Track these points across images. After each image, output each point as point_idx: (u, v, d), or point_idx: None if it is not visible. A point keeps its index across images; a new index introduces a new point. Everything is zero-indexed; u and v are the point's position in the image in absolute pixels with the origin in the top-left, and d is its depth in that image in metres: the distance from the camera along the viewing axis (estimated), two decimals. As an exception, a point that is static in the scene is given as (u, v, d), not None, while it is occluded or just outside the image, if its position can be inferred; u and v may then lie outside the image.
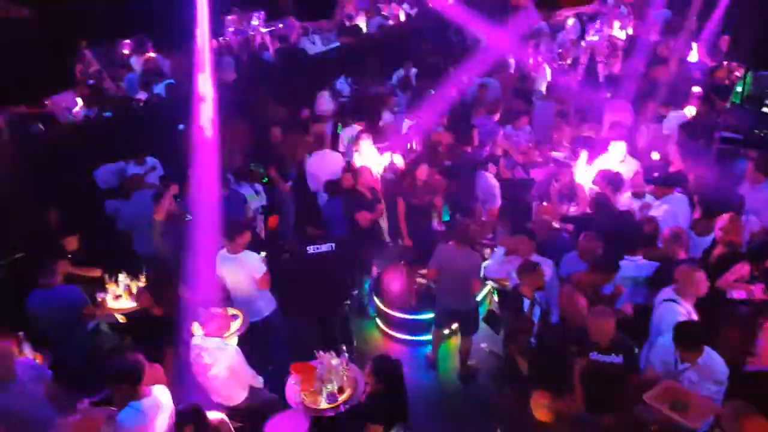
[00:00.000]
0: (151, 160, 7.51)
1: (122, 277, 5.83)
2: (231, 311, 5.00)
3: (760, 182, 5.99)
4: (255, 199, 7.19)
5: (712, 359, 4.00)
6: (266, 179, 7.63)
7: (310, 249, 5.77)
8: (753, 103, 7.68)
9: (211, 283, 5.35)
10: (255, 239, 6.15)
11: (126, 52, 11.30)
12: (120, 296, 5.78)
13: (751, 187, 6.04)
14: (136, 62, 10.89)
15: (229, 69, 10.18)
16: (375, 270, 6.91)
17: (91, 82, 9.74)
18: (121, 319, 5.70)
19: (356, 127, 8.36)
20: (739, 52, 8.21)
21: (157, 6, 8.33)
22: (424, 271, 6.23)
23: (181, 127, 8.09)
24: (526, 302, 4.94)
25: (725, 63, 9.50)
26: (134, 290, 5.72)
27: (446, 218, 7.80)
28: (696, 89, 8.59)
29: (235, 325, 4.88)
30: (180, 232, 5.89)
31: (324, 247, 5.75)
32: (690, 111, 8.14)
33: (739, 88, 7.88)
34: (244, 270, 5.40)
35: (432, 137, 8.07)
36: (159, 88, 9.59)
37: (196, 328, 4.62)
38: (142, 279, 5.79)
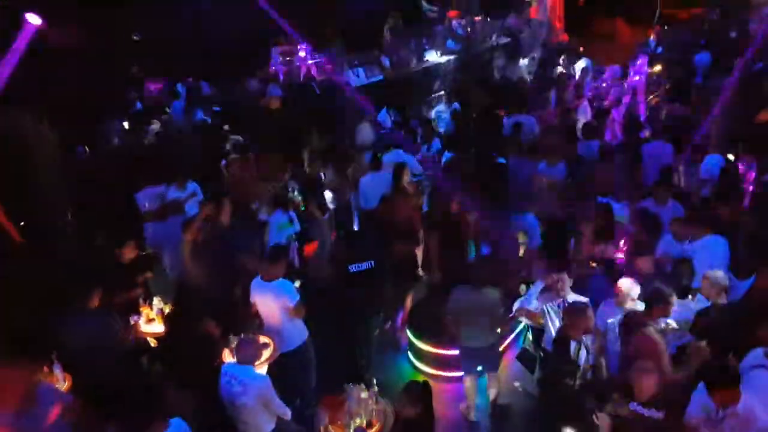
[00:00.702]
0: (192, 186, 7.67)
1: (156, 301, 5.89)
2: (263, 339, 5.08)
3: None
4: (288, 226, 7.24)
5: (753, 406, 3.86)
6: (304, 207, 7.77)
7: (352, 267, 5.82)
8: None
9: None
10: (289, 267, 6.25)
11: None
12: (153, 320, 5.82)
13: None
14: (182, 89, 11.34)
15: (274, 98, 10.48)
16: (408, 302, 6.93)
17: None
18: (153, 343, 5.77)
19: (400, 152, 8.46)
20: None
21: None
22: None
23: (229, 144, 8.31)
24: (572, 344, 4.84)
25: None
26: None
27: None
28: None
29: (267, 353, 4.93)
30: (212, 256, 5.94)
31: (364, 265, 5.81)
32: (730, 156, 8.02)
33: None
34: (277, 298, 5.39)
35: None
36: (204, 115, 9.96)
37: (228, 355, 4.69)
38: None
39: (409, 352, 6.76)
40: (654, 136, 9.04)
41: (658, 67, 12.08)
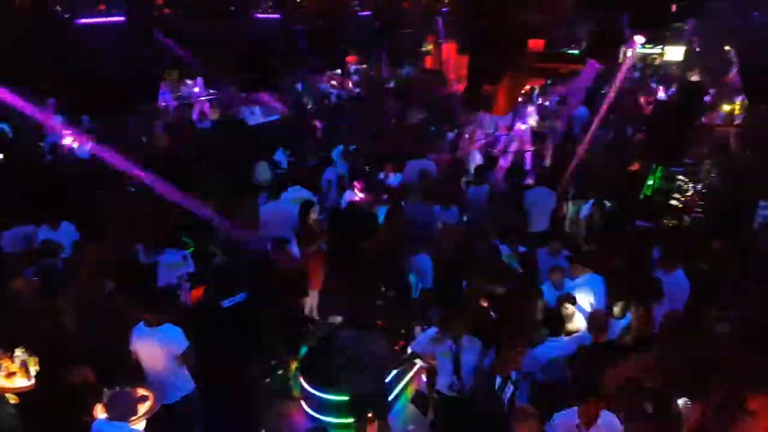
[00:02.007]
0: (65, 225, 7.17)
1: (19, 352, 5.25)
2: (140, 392, 4.68)
3: (672, 270, 6.31)
4: (181, 266, 6.90)
5: (612, 420, 4.19)
6: (192, 248, 7.44)
7: (225, 303, 5.58)
8: (661, 195, 8.31)
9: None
10: (179, 308, 5.92)
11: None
12: (14, 373, 5.13)
13: (664, 274, 6.35)
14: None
15: (162, 135, 10.08)
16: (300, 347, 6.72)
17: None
18: (12, 399, 5.16)
19: (301, 190, 8.36)
20: (652, 149, 8.90)
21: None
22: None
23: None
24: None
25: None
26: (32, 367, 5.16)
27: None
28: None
29: (144, 407, 4.55)
30: (89, 306, 5.53)
31: (237, 298, 5.60)
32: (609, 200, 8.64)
33: (650, 182, 8.47)
34: (163, 345, 5.01)
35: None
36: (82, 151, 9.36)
37: (99, 411, 4.29)
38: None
39: (302, 401, 6.52)
40: (537, 183, 9.57)
41: (542, 120, 12.94)
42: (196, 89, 12.28)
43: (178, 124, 11.13)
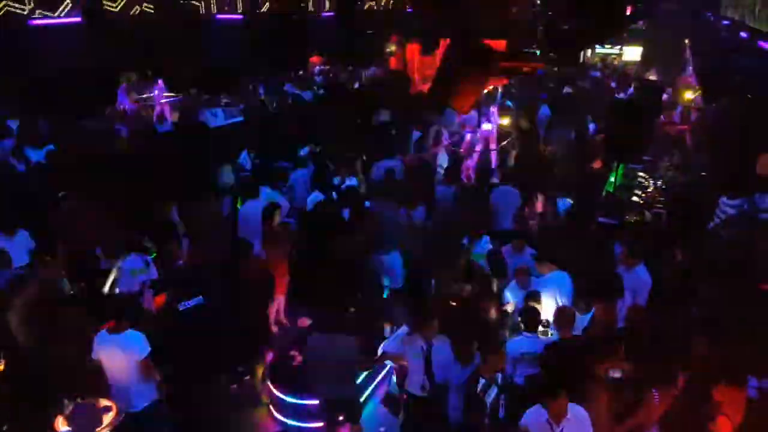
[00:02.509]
0: (22, 233, 6.88)
1: None
2: (103, 402, 4.55)
3: (634, 266, 6.45)
4: (144, 271, 6.71)
5: (579, 411, 4.32)
6: (155, 253, 7.27)
7: (181, 306, 5.52)
8: (624, 191, 8.50)
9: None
10: (142, 315, 5.78)
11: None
12: None
13: (626, 269, 6.49)
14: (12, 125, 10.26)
15: (122, 138, 9.84)
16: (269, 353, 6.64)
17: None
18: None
19: (268, 192, 8.25)
20: (612, 147, 9.08)
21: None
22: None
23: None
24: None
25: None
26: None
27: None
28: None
29: (108, 418, 4.43)
30: (47, 317, 5.33)
31: (193, 302, 5.50)
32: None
33: (611, 179, 8.64)
34: (125, 352, 4.89)
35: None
36: (38, 155, 9.06)
37: (61, 423, 4.16)
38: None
39: (270, 405, 6.44)
40: (503, 182, 9.66)
41: (506, 119, 13.07)
42: (156, 92, 12.02)
43: (137, 127, 10.88)
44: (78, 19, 8.96)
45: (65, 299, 5.76)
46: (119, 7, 10.12)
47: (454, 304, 6.42)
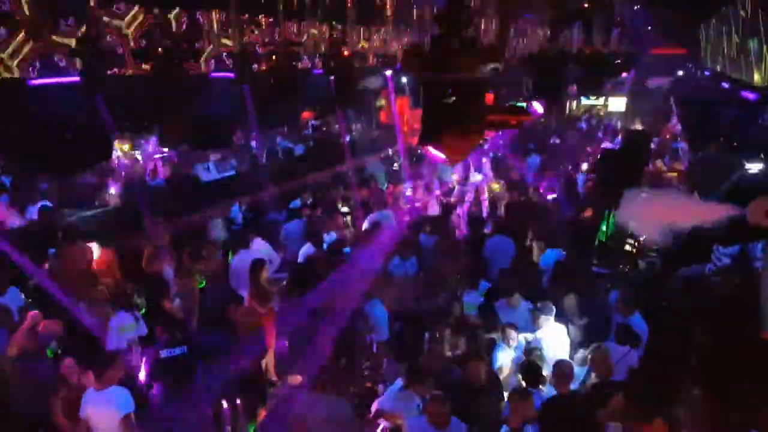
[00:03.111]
0: (12, 291, 6.81)
1: None
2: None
3: (630, 314, 6.39)
4: (133, 328, 6.59)
5: None
6: (145, 310, 7.15)
7: (163, 353, 5.47)
8: (615, 241, 8.50)
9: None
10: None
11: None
12: None
13: (622, 318, 6.42)
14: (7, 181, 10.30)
15: (113, 195, 9.85)
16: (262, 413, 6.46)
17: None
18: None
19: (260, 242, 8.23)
20: (602, 195, 9.13)
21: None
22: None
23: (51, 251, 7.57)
24: None
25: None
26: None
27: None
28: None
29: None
30: (37, 371, 5.25)
31: (177, 351, 5.38)
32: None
33: (603, 228, 8.66)
34: (112, 408, 4.85)
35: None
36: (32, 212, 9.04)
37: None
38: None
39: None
40: (496, 231, 9.67)
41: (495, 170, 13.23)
42: (150, 147, 12.14)
43: (129, 181, 10.93)
44: (76, 79, 9.07)
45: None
46: (116, 66, 10.31)
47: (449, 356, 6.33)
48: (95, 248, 7.80)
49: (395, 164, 15.11)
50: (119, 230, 8.77)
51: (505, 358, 6.19)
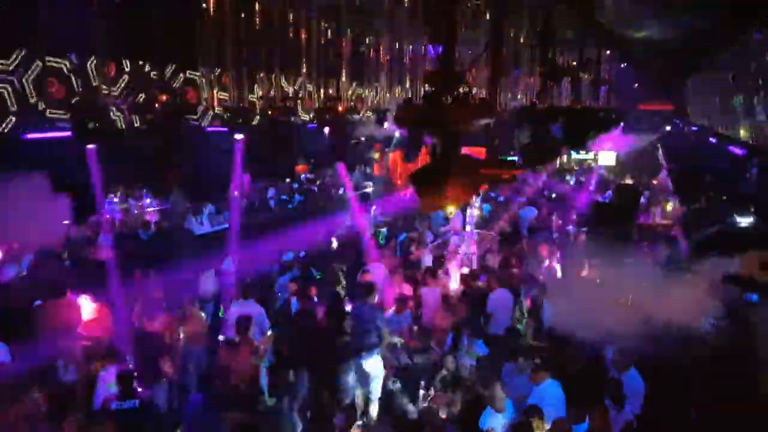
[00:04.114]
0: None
1: None
2: None
3: (626, 370, 6.27)
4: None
5: None
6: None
7: (114, 404, 5.47)
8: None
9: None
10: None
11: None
12: None
13: (618, 375, 6.30)
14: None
15: (104, 247, 9.78)
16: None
17: None
18: None
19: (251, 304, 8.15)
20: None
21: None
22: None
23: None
24: None
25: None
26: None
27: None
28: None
29: None
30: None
31: (128, 404, 5.41)
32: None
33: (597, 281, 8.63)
34: None
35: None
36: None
37: None
38: None
39: None
40: (495, 285, 9.61)
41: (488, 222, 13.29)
42: (142, 200, 12.16)
43: (121, 234, 10.88)
44: (68, 134, 9.17)
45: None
46: (111, 121, 10.45)
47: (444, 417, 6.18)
48: (85, 302, 7.67)
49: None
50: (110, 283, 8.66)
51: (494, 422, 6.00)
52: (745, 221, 9.68)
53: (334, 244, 12.58)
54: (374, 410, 7.08)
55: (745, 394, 6.08)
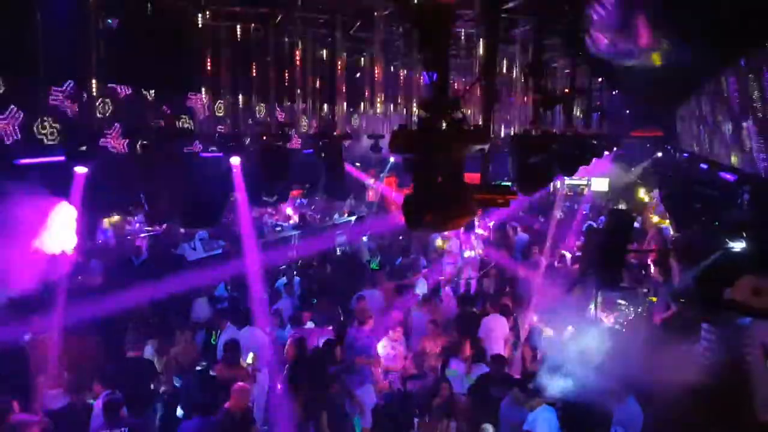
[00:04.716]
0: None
1: None
2: None
3: (623, 400, 6.23)
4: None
5: None
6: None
7: None
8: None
9: None
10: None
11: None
12: None
13: (616, 403, 6.25)
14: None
15: (95, 274, 9.70)
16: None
17: None
18: None
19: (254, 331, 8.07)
20: (587, 275, 9.16)
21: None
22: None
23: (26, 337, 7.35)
24: None
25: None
26: None
27: None
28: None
29: None
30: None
31: None
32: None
33: (591, 306, 8.62)
34: None
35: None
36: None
37: None
38: None
39: None
40: (490, 310, 9.60)
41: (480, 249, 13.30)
42: (135, 225, 12.11)
43: (112, 260, 10.82)
44: (62, 158, 9.13)
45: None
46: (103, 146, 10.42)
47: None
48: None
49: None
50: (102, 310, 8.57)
51: None
52: (738, 246, 9.68)
53: (329, 269, 12.56)
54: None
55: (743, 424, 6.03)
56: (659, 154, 24.88)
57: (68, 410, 6.51)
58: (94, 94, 7.63)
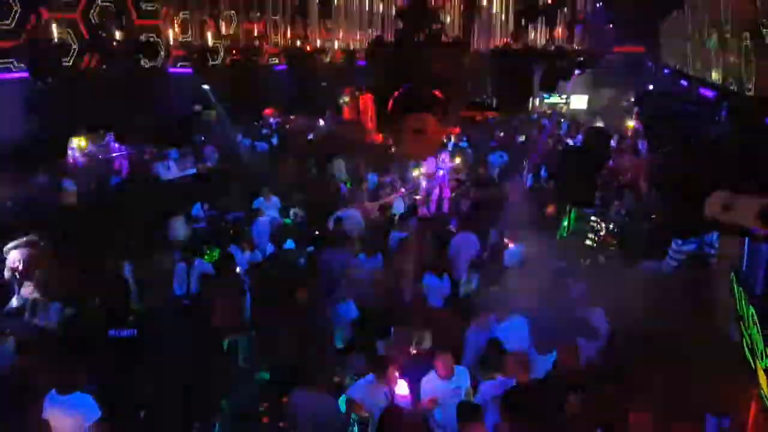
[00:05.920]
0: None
1: None
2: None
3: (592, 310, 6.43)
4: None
5: None
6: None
7: (112, 331, 5.49)
8: (577, 236, 8.64)
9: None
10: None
11: None
12: None
13: (584, 311, 6.46)
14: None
15: (69, 193, 9.51)
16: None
17: None
18: None
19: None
20: (563, 192, 9.25)
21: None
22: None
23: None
24: None
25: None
26: None
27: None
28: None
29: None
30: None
31: (125, 333, 5.43)
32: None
33: (564, 223, 8.77)
34: (73, 415, 4.59)
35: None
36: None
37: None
38: None
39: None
40: (460, 228, 9.69)
41: (458, 162, 13.29)
42: (107, 145, 11.77)
43: (86, 181, 10.57)
44: (26, 74, 8.72)
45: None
46: (71, 61, 9.93)
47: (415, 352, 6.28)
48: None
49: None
50: (77, 231, 8.47)
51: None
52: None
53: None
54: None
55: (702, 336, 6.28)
56: (641, 73, 24.67)
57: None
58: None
